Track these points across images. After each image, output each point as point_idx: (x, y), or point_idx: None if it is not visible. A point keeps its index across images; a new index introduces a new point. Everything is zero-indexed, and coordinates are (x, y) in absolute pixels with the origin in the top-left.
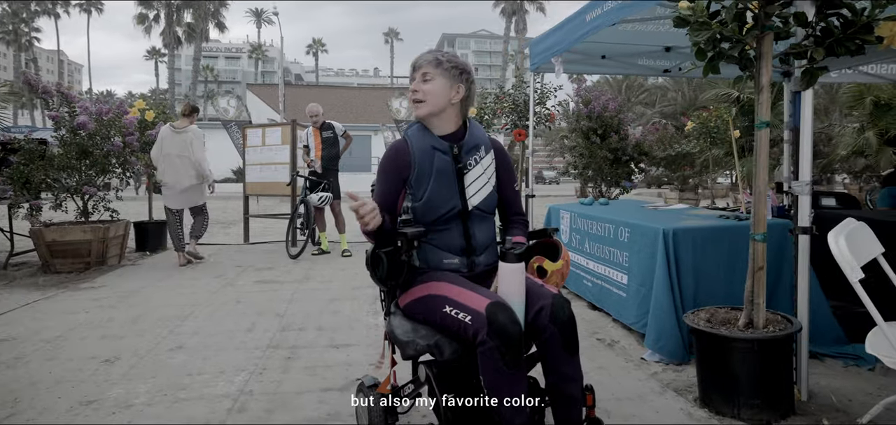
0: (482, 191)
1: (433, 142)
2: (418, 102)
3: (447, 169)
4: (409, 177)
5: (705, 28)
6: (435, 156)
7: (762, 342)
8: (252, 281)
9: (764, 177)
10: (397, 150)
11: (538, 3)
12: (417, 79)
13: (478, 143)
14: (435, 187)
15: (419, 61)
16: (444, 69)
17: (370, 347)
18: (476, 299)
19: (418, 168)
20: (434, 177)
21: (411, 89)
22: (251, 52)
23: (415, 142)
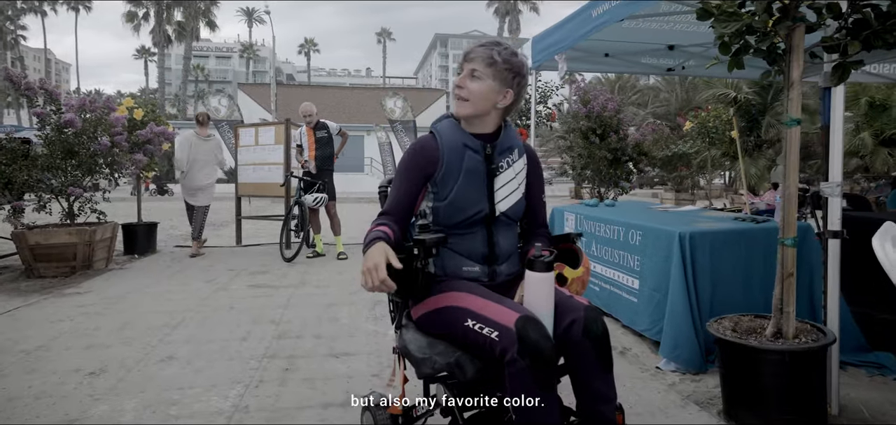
0: (511, 197)
1: (465, 139)
2: (461, 100)
3: (478, 169)
4: (435, 175)
5: (735, 19)
6: (465, 155)
7: (794, 354)
8: (245, 285)
9: (794, 178)
10: (423, 146)
11: (532, 3)
12: (465, 72)
13: (511, 146)
14: (463, 187)
15: (472, 53)
16: (498, 70)
17: (371, 357)
18: (503, 313)
19: (446, 165)
20: (463, 176)
21: (456, 82)
22: (242, 51)
23: (445, 136)
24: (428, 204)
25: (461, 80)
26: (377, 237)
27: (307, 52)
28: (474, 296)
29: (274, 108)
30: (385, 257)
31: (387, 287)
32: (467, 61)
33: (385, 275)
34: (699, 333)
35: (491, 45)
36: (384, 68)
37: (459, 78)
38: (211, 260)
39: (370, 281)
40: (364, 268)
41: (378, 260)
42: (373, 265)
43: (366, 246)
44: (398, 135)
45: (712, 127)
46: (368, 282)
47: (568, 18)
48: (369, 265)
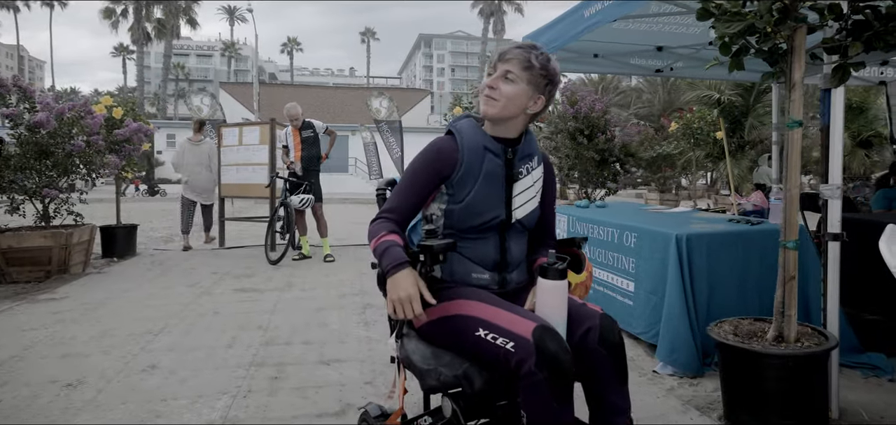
0: (528, 205)
1: (485, 142)
2: (490, 100)
3: (497, 173)
4: (452, 176)
5: (738, 19)
6: (486, 157)
7: (798, 358)
8: (230, 289)
9: (796, 180)
10: (442, 147)
11: (516, 4)
12: (498, 72)
13: (531, 153)
14: (481, 190)
15: (508, 54)
16: (533, 75)
17: (364, 364)
18: (518, 322)
19: (465, 166)
20: (482, 179)
21: (487, 83)
22: (224, 50)
23: (466, 137)
24: (440, 206)
25: (494, 81)
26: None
27: (290, 51)
28: (485, 304)
29: (256, 108)
30: (417, 288)
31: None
32: (502, 61)
33: (421, 309)
34: (696, 336)
35: (528, 48)
36: (368, 68)
37: (492, 78)
38: (193, 262)
39: (403, 314)
40: (395, 297)
41: (411, 291)
42: (406, 297)
43: (381, 257)
44: (384, 135)
45: (697, 128)
46: (401, 313)
47: (559, 19)
48: (401, 296)
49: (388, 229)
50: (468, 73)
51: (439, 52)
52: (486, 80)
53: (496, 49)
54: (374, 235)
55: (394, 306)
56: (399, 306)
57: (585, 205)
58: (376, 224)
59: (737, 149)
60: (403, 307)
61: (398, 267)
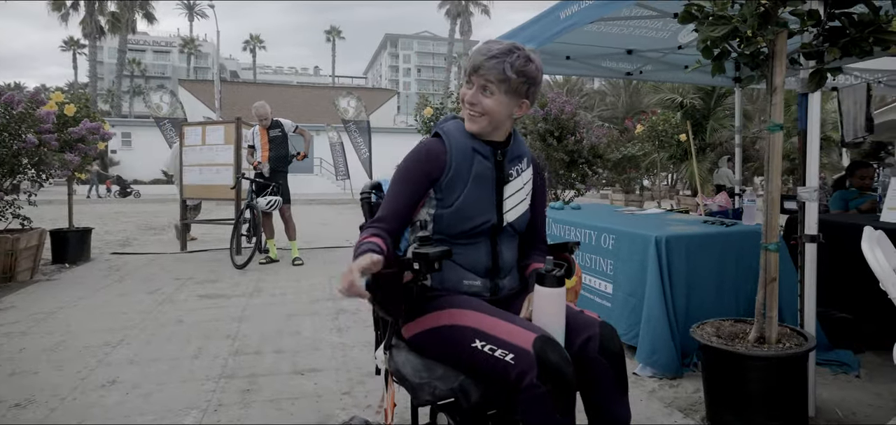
0: (519, 208)
1: (474, 144)
2: (473, 116)
3: (487, 176)
4: (441, 180)
5: (723, 22)
6: (475, 160)
7: (781, 359)
8: (194, 295)
9: (777, 182)
10: (430, 149)
11: (483, 6)
12: (476, 86)
13: (521, 154)
14: (471, 194)
15: (482, 69)
16: (511, 85)
17: (340, 372)
18: (516, 332)
19: (454, 169)
20: (471, 182)
21: (466, 97)
22: (183, 46)
23: (453, 139)
24: (428, 211)
25: (473, 97)
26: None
27: (253, 49)
28: (480, 313)
29: (218, 106)
30: (358, 268)
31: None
32: (477, 75)
33: (352, 279)
34: (676, 338)
35: (503, 56)
36: (333, 67)
37: (471, 93)
38: (153, 268)
39: (347, 288)
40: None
41: (352, 265)
42: (347, 270)
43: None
44: (352, 135)
45: (662, 130)
46: (346, 288)
47: (534, 20)
48: (344, 270)
49: (369, 233)
50: (434, 74)
51: (405, 52)
52: (466, 93)
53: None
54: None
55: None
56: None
57: (560, 207)
58: (362, 234)
59: (698, 152)
60: (343, 279)
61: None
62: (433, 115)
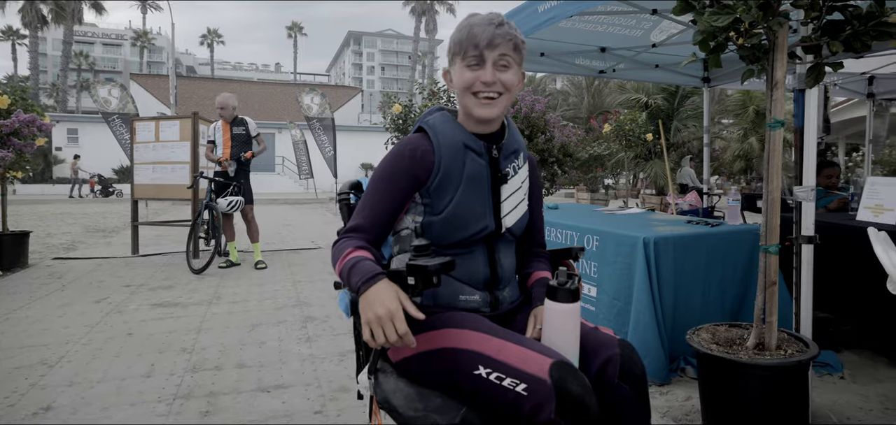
0: (517, 210)
1: (465, 139)
2: (492, 100)
3: (482, 176)
4: (429, 183)
5: (727, 12)
6: (467, 158)
7: (784, 368)
8: (147, 304)
9: (777, 182)
10: (414, 147)
11: (448, 4)
12: (490, 63)
13: (517, 149)
14: (464, 198)
15: (494, 39)
16: (521, 54)
17: (310, 388)
18: (528, 357)
19: (444, 170)
20: (464, 184)
21: (483, 79)
22: (135, 39)
23: (441, 135)
24: (414, 218)
25: (491, 75)
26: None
27: (210, 44)
28: (483, 334)
29: (173, 102)
30: (399, 302)
31: (407, 343)
32: (491, 48)
33: (406, 327)
34: (664, 342)
35: (506, 24)
36: (295, 64)
37: (487, 72)
38: (100, 274)
39: (383, 335)
40: (371, 316)
41: (391, 305)
42: (386, 314)
43: (349, 276)
44: (316, 133)
45: (629, 130)
46: (381, 336)
47: (510, 14)
48: (380, 313)
49: (354, 245)
50: (399, 73)
51: (369, 49)
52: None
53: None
54: (338, 257)
55: (371, 329)
56: (378, 327)
57: None
58: (340, 243)
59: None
60: (383, 328)
61: (371, 280)
62: (402, 113)
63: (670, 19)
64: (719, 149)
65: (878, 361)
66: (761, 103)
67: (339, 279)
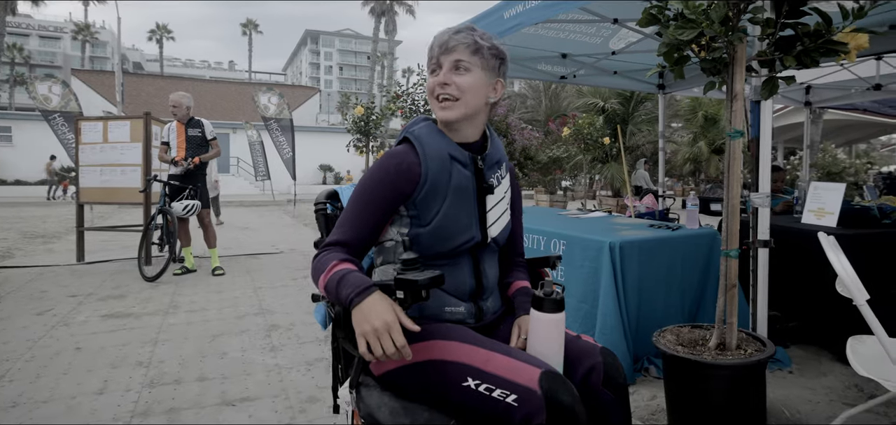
0: (502, 220)
1: (451, 150)
2: (449, 101)
3: (467, 187)
4: (415, 195)
5: (692, 26)
6: (453, 169)
7: (745, 367)
8: (96, 316)
9: (737, 190)
10: (400, 159)
11: (407, 5)
12: (446, 67)
13: (500, 159)
14: (451, 209)
15: (450, 42)
16: (484, 58)
17: (278, 400)
18: (516, 368)
19: (430, 182)
20: (451, 195)
21: (438, 81)
22: (76, 32)
23: (428, 146)
24: (400, 230)
25: (445, 77)
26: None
27: (159, 39)
28: (470, 345)
29: (120, 100)
30: (395, 314)
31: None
32: (446, 53)
33: (404, 339)
34: (629, 344)
35: (469, 30)
36: (250, 62)
37: (441, 75)
38: (43, 283)
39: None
40: (367, 328)
41: (388, 317)
42: (383, 326)
43: (337, 288)
44: (273, 133)
45: (587, 133)
46: (379, 349)
47: (476, 19)
48: (377, 326)
49: (339, 258)
50: (357, 73)
51: (327, 49)
52: (434, 80)
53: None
54: (321, 270)
55: (367, 342)
56: (374, 339)
57: None
58: (322, 257)
59: (618, 154)
60: (381, 340)
61: (364, 292)
62: (364, 115)
63: (629, 28)
64: (670, 153)
65: (822, 355)
66: (710, 109)
67: (323, 292)
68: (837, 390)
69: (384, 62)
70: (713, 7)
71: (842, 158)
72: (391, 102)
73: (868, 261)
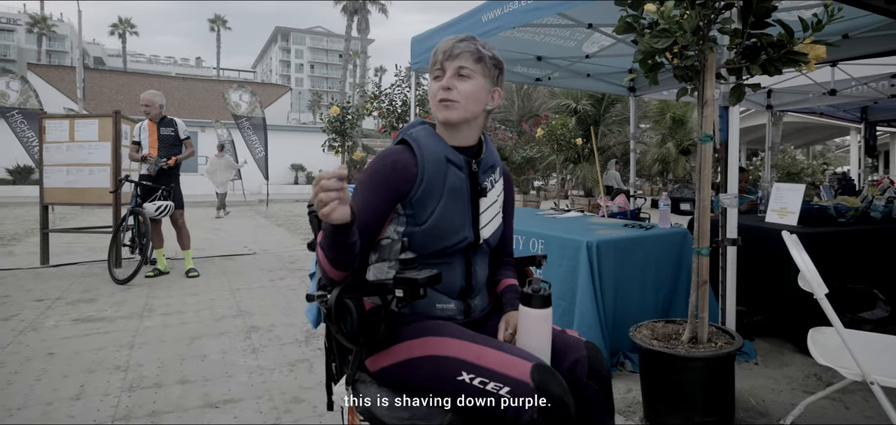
0: (494, 222)
1: (447, 153)
2: (449, 104)
3: (462, 189)
4: (411, 194)
5: (666, 35)
6: (449, 171)
7: (716, 359)
8: (67, 320)
9: (707, 191)
10: (398, 158)
11: (380, 5)
12: (449, 72)
13: (494, 163)
14: (446, 210)
15: (454, 49)
16: (486, 66)
17: (261, 401)
18: (509, 361)
19: (426, 182)
20: (446, 197)
21: (441, 85)
22: (32, 24)
23: (425, 148)
24: (397, 228)
25: (446, 82)
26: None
27: (122, 34)
28: (463, 340)
29: (81, 96)
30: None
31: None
32: (451, 59)
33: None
34: (606, 340)
35: (470, 39)
36: (218, 59)
37: (444, 80)
38: (5, 288)
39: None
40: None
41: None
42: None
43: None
44: (245, 132)
45: (560, 134)
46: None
47: (453, 21)
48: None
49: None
50: (329, 71)
51: (298, 47)
52: (436, 84)
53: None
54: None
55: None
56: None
57: None
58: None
59: (589, 154)
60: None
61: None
62: (340, 115)
63: (602, 32)
64: (639, 153)
65: (784, 347)
66: (677, 111)
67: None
68: (798, 379)
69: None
70: (686, 18)
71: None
72: (368, 102)
73: (826, 258)
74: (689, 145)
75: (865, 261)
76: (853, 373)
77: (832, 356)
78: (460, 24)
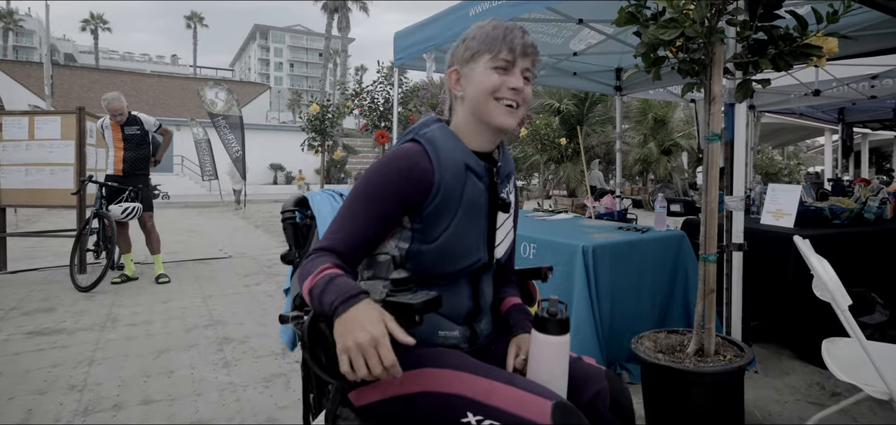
0: (508, 238)
1: (467, 159)
2: (514, 110)
3: (480, 202)
4: (423, 206)
5: (675, 26)
6: (468, 181)
7: (726, 374)
8: (20, 333)
9: (715, 193)
10: (411, 164)
11: (361, 3)
12: (519, 69)
13: (510, 171)
14: (460, 227)
15: (528, 48)
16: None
17: (233, 421)
18: (524, 400)
19: (443, 194)
20: (462, 211)
21: (511, 85)
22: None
23: (442, 152)
24: (398, 244)
25: (520, 82)
26: (352, 290)
27: (94, 30)
28: (468, 373)
29: (49, 94)
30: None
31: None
32: (524, 57)
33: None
34: (603, 349)
35: (529, 38)
36: (195, 56)
37: (515, 77)
38: None
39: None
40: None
41: (375, 330)
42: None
43: (322, 294)
44: (221, 131)
45: (544, 134)
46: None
47: (437, 16)
48: (362, 339)
49: (331, 263)
50: (308, 70)
51: (277, 45)
52: (501, 80)
53: (499, 37)
54: (307, 274)
55: (350, 358)
56: (358, 356)
57: None
58: (310, 261)
59: (573, 154)
60: (366, 357)
61: (351, 300)
62: (320, 114)
63: (592, 28)
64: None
65: (783, 354)
66: (659, 111)
67: (307, 299)
68: (801, 389)
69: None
70: (695, 8)
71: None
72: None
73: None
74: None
75: (861, 263)
76: (878, 391)
77: (852, 371)
78: (445, 19)
